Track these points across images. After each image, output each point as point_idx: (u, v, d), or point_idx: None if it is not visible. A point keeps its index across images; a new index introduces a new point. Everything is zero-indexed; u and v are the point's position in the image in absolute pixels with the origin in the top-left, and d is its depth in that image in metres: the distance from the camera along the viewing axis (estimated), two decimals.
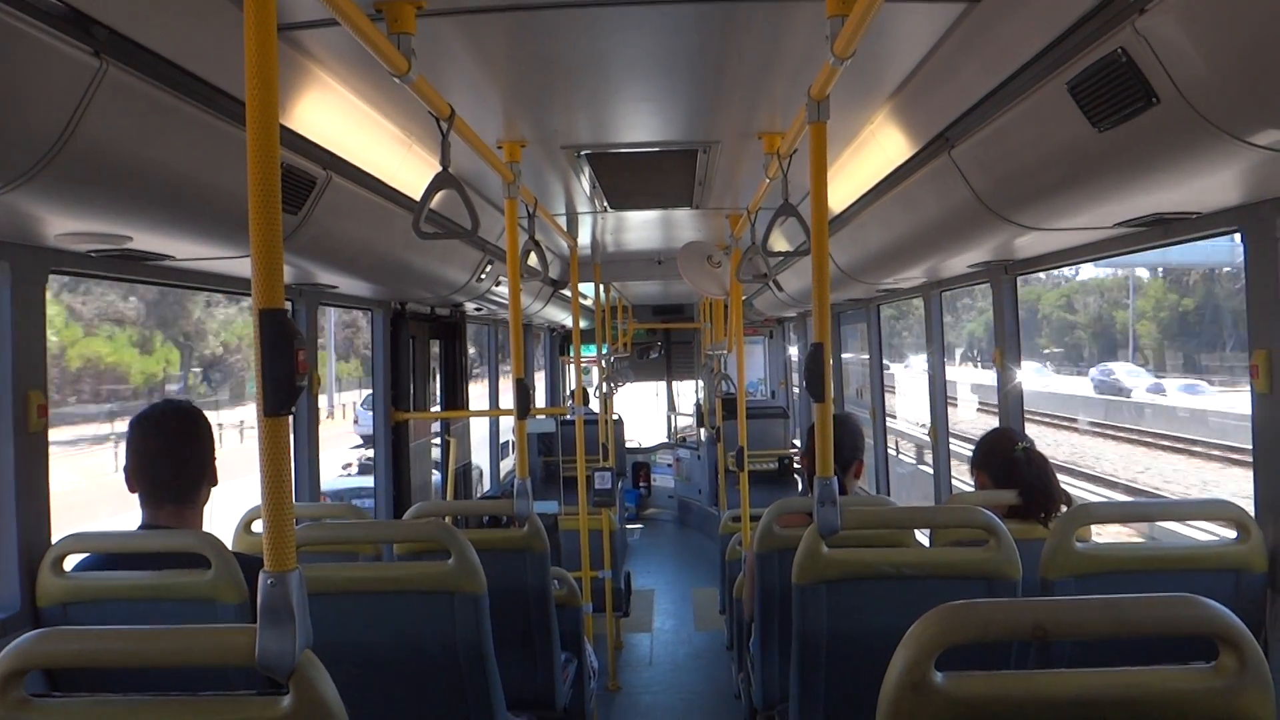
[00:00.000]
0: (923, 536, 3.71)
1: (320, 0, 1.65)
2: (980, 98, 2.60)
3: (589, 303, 10.01)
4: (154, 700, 1.38)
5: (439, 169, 2.52)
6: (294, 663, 1.33)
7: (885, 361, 7.07)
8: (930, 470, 5.44)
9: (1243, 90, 1.70)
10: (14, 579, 2.47)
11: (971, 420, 22.06)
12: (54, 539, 2.51)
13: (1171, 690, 1.32)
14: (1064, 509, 3.04)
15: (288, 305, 4.07)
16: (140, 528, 2.48)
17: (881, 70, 2.81)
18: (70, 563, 2.45)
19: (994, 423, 4.05)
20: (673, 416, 14.66)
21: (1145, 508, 3.26)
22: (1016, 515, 3.04)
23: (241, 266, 3.23)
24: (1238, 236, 2.66)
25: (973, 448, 3.36)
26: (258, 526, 3.34)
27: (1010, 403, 4.22)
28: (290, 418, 1.38)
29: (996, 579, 2.36)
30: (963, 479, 5.89)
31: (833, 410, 2.56)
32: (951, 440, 5.47)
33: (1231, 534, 2.53)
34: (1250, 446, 2.66)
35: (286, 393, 1.33)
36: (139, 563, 2.37)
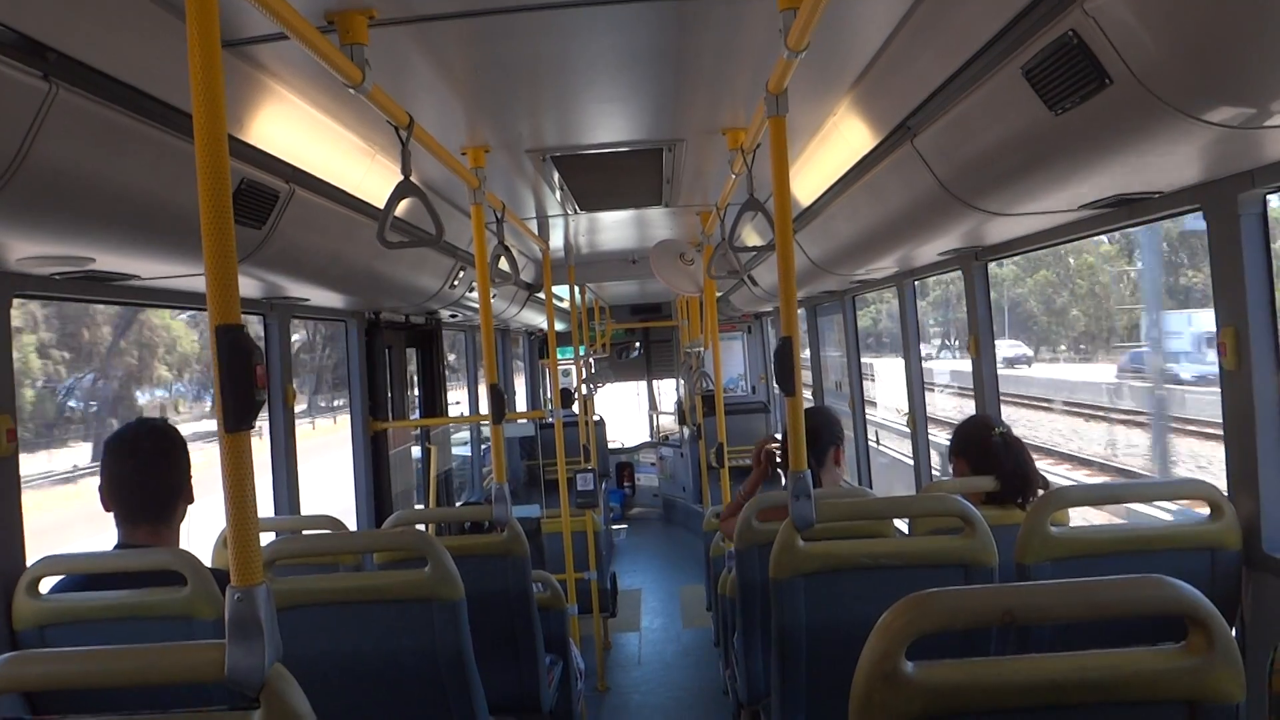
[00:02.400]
0: (905, 526, 3.72)
1: (268, 15, 1.64)
2: (938, 85, 2.61)
3: (565, 305, 10.00)
4: (124, 719, 1.37)
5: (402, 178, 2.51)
6: (263, 676, 1.32)
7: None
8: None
9: (1193, 68, 1.71)
10: None
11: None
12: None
13: (1142, 671, 1.32)
14: (1041, 493, 3.05)
15: (258, 318, 4.05)
16: (116, 547, 2.46)
17: (840, 61, 2.82)
18: (47, 585, 2.43)
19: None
20: (654, 415, 14.66)
21: (1118, 490, 3.28)
22: (995, 501, 3.05)
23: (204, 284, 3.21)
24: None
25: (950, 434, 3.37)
26: None
27: (986, 389, 4.24)
28: (265, 432, 1.38)
29: (973, 566, 2.37)
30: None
31: (808, 403, 2.56)
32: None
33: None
34: None
35: (246, 408, 1.33)
36: (116, 582, 2.36)
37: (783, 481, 4.01)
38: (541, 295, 8.18)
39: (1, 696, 1.40)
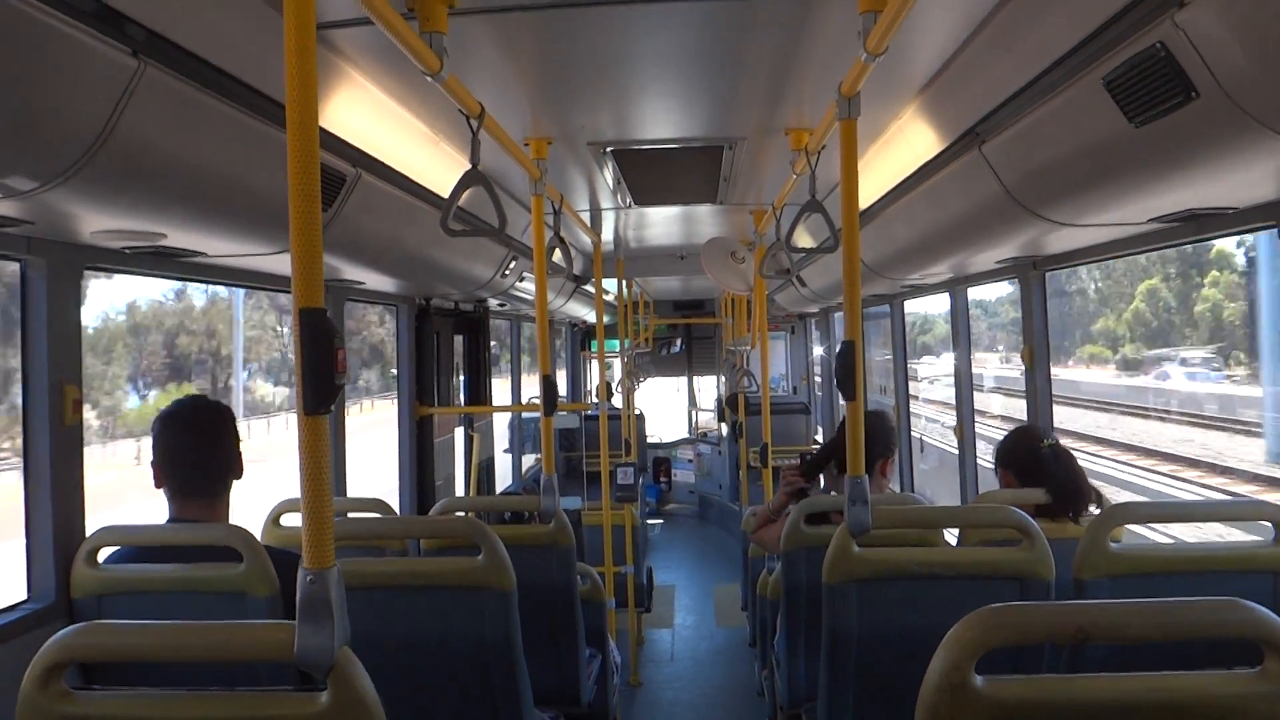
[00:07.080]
0: (950, 536, 3.69)
1: None
2: (1012, 93, 2.58)
3: (611, 298, 10.01)
4: (193, 695, 1.39)
5: (466, 166, 2.52)
6: (333, 659, 1.33)
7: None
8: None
9: None
10: (49, 570, 2.50)
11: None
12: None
13: (1214, 695, 1.30)
14: (1093, 508, 3.01)
15: None
16: (169, 521, 2.50)
17: (911, 65, 2.80)
18: (103, 555, 2.48)
19: None
20: (694, 412, 14.63)
21: (1182, 508, 3.23)
22: (1044, 514, 3.00)
23: (273, 263, 3.25)
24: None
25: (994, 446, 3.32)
26: (286, 520, 3.36)
27: (1039, 400, 4.19)
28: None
29: (1029, 579, 2.34)
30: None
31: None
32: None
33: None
34: None
35: (326, 391, 1.34)
36: (170, 555, 2.39)
37: (821, 484, 3.99)
38: (587, 287, 8.19)
39: (67, 666, 1.42)
